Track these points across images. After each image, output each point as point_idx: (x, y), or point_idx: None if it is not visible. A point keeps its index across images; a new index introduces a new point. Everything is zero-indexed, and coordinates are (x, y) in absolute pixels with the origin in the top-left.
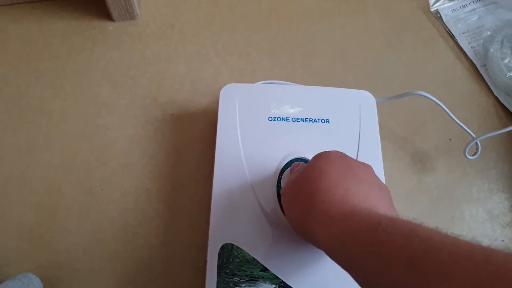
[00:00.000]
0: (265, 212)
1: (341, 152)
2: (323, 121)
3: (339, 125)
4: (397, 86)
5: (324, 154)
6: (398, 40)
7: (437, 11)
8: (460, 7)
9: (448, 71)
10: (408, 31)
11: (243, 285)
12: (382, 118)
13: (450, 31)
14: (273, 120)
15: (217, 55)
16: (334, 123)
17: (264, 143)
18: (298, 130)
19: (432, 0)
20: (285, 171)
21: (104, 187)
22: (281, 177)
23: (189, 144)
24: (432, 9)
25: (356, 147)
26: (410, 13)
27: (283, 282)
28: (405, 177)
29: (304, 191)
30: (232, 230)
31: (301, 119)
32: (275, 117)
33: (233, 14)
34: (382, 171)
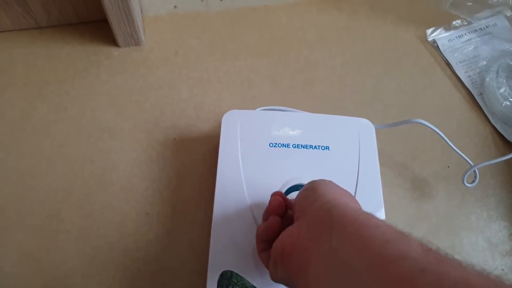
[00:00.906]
0: None
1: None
2: (323, 148)
3: (338, 152)
4: (396, 113)
5: (322, 180)
6: (396, 68)
7: (434, 41)
8: (456, 37)
9: (446, 99)
10: (406, 59)
11: None
12: (381, 145)
13: (447, 60)
14: (274, 146)
15: (220, 81)
16: (334, 150)
17: (264, 169)
18: (298, 157)
19: (429, 30)
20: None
21: (104, 211)
22: None
23: (190, 168)
24: (430, 38)
25: (355, 173)
26: (408, 43)
27: None
28: (405, 203)
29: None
30: (232, 256)
31: (301, 145)
32: (276, 143)
33: (235, 41)
34: (381, 198)
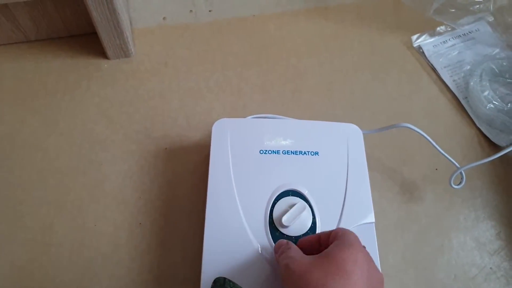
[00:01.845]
0: (257, 245)
1: (366, 256)
2: (312, 153)
3: (328, 157)
4: (384, 118)
5: (358, 251)
6: (383, 74)
7: (419, 47)
8: (440, 43)
9: (432, 103)
10: (393, 65)
11: None
12: (370, 149)
13: (433, 66)
14: (264, 153)
15: (210, 90)
16: (323, 155)
17: (255, 175)
18: (288, 163)
19: (415, 37)
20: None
21: (97, 223)
22: (272, 209)
23: (182, 178)
24: (415, 45)
25: (345, 178)
26: (394, 49)
27: None
28: (394, 206)
29: (317, 280)
30: (225, 263)
31: (291, 151)
32: (266, 150)
33: (224, 51)
34: (370, 201)
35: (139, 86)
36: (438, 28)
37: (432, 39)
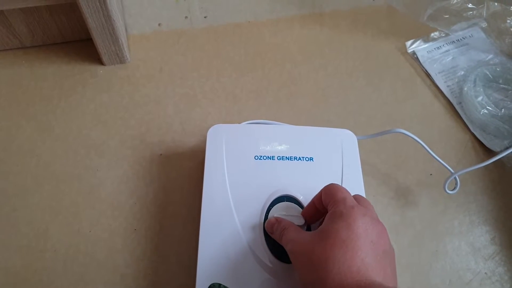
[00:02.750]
0: (252, 250)
1: (363, 210)
2: (307, 159)
3: (322, 162)
4: (378, 123)
5: (348, 217)
6: (378, 80)
7: (413, 53)
8: (434, 48)
9: (427, 109)
10: (387, 71)
11: None
12: (365, 155)
13: (427, 71)
14: (259, 159)
15: (205, 96)
16: (318, 161)
17: (250, 181)
18: (283, 168)
19: (409, 42)
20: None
21: (92, 229)
22: (267, 215)
23: (177, 184)
24: (409, 50)
25: (339, 183)
26: (388, 55)
27: None
28: (389, 212)
29: (319, 257)
30: (219, 269)
31: (286, 157)
32: (261, 156)
33: (220, 57)
34: None
35: (134, 92)
36: (432, 34)
37: (426, 45)
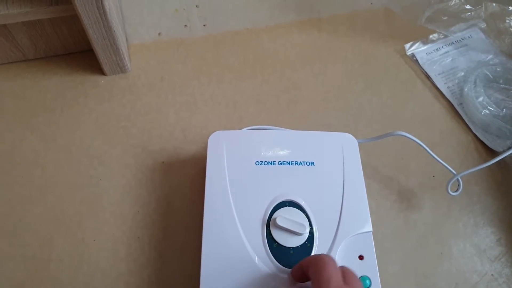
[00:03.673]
0: (255, 256)
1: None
2: (308, 163)
3: (323, 167)
4: (379, 126)
5: None
6: (378, 83)
7: (413, 55)
8: (434, 50)
9: (427, 111)
10: (387, 74)
11: None
12: (366, 158)
13: (427, 73)
14: (260, 164)
15: (206, 104)
16: (319, 165)
17: (252, 187)
18: (284, 173)
19: (408, 45)
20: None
21: (96, 238)
22: (269, 220)
23: (179, 191)
24: (408, 53)
25: (341, 187)
26: (387, 58)
27: None
28: (392, 215)
29: None
30: (222, 276)
31: (287, 162)
32: (262, 161)
33: (219, 64)
34: (367, 210)
35: (135, 101)
36: (430, 36)
37: (425, 47)
